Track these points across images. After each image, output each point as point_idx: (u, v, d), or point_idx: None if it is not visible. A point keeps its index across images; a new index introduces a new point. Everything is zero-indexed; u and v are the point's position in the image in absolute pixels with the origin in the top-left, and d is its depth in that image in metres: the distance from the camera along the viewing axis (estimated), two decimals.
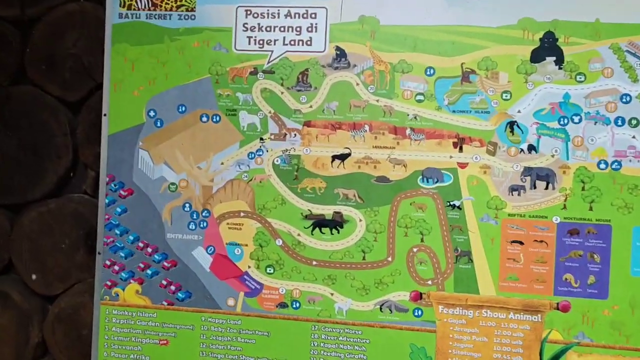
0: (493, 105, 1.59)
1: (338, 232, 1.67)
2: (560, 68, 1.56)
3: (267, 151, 1.71)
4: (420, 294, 1.62)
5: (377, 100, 1.65)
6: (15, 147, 1.87)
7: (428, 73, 1.63)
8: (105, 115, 1.78)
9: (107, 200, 1.78)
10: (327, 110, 1.68)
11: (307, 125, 1.69)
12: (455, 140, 1.61)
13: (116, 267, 1.77)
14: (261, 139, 1.71)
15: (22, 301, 1.87)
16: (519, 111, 1.58)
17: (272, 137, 1.71)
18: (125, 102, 1.77)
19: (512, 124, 1.58)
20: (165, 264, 1.75)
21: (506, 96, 1.58)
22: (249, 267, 1.71)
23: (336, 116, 1.67)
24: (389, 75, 1.65)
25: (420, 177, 1.62)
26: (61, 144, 1.86)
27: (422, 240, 1.63)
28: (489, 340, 1.58)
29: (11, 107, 1.88)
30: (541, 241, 1.57)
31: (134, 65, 1.77)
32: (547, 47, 1.56)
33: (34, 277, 1.87)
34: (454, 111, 1.62)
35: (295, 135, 1.69)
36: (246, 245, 1.72)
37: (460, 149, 1.61)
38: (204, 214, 1.74)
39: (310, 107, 1.69)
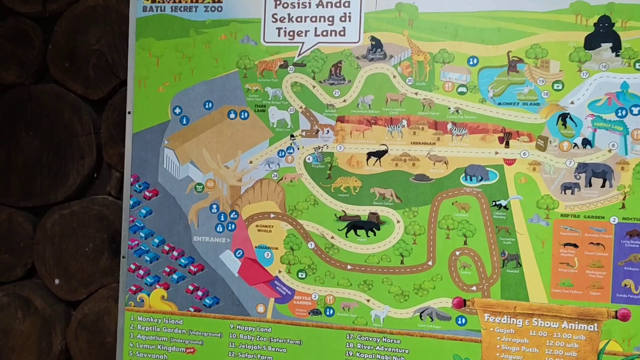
0: (543, 96, 1.47)
1: (374, 235, 1.56)
2: (617, 55, 1.43)
3: (298, 149, 1.61)
4: (464, 300, 1.50)
5: (416, 93, 1.55)
6: (37, 147, 1.81)
7: (471, 63, 1.52)
8: (129, 113, 1.71)
9: (131, 202, 1.70)
10: (362, 104, 1.58)
11: (341, 121, 1.59)
12: (501, 134, 1.49)
13: (141, 272, 1.70)
14: (292, 135, 1.62)
15: (45, 307, 1.80)
16: (572, 102, 1.45)
17: (304, 133, 1.61)
18: (150, 99, 1.69)
19: (564, 117, 1.46)
20: (192, 268, 1.67)
21: (558, 86, 1.46)
22: (280, 271, 1.62)
23: (372, 111, 1.57)
24: (429, 66, 1.54)
25: (463, 175, 1.51)
26: (84, 143, 1.80)
27: (465, 243, 1.51)
28: (540, 351, 1.46)
29: (33, 106, 1.82)
30: (597, 244, 1.44)
31: (158, 61, 1.69)
32: (603, 33, 1.44)
33: (57, 281, 1.80)
34: (499, 103, 1.50)
35: (328, 131, 1.60)
36: (276, 248, 1.62)
37: (507, 144, 1.49)
38: (232, 216, 1.65)
39: (344, 101, 1.59)
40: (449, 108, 1.53)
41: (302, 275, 1.60)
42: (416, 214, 1.54)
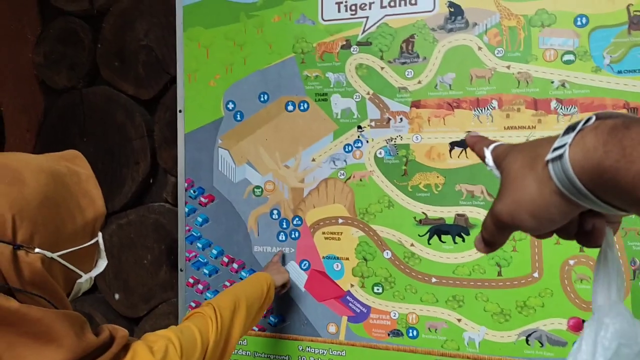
0: None
1: (463, 241, 1.30)
2: None
3: (368, 142, 1.38)
4: (583, 321, 1.20)
5: (508, 67, 1.26)
6: (92, 154, 1.71)
7: (579, 23, 1.21)
8: (180, 111, 1.55)
9: (186, 210, 1.55)
10: (441, 85, 1.31)
11: (416, 106, 1.33)
12: (625, 111, 1.17)
13: (200, 286, 1.54)
14: (359, 127, 1.38)
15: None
16: None
17: (373, 124, 1.37)
18: (201, 95, 1.53)
19: None
20: None
21: None
22: (352, 285, 1.39)
23: (453, 92, 1.30)
24: (523, 31, 1.25)
25: None
26: (138, 147, 1.67)
27: (581, 250, 1.21)
28: None
29: (86, 110, 1.72)
30: None
31: (208, 51, 1.52)
32: None
33: (117, 296, 1.69)
34: (619, 72, 1.18)
35: (401, 119, 1.35)
36: (347, 259, 1.40)
37: None
38: (295, 222, 1.45)
39: (419, 82, 1.33)
40: (552, 82, 1.22)
41: (378, 289, 1.37)
42: None
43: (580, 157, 0.36)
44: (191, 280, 1.55)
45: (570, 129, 0.38)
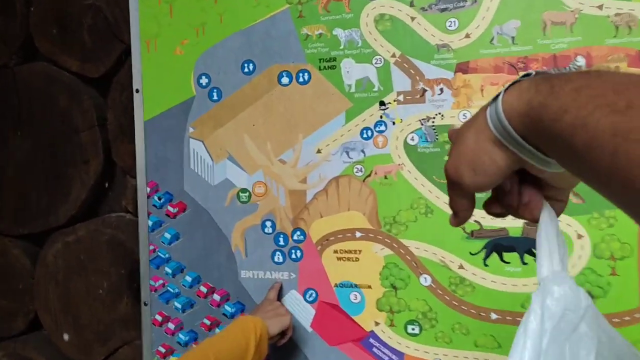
0: None
1: (535, 260, 0.90)
2: None
3: (394, 124, 0.98)
4: None
5: (600, 7, 0.87)
6: (29, 152, 1.31)
7: None
8: (137, 91, 1.16)
9: (149, 222, 1.15)
10: (500, 38, 0.92)
11: (463, 71, 0.94)
12: None
13: (170, 325, 1.15)
14: (382, 103, 0.99)
15: None
16: None
17: (401, 98, 0.98)
18: (165, 68, 1.13)
19: None
20: None
21: None
22: (377, 323, 1.01)
23: (517, 47, 0.91)
24: None
25: None
26: (88, 141, 1.27)
27: None
28: None
29: (20, 95, 1.32)
30: None
31: (172, 8, 1.12)
32: None
33: (66, 337, 1.30)
34: None
35: (441, 90, 0.95)
36: (369, 287, 1.01)
37: None
38: (296, 237, 1.06)
39: (467, 37, 0.94)
40: None
41: (413, 329, 0.98)
42: (613, 222, 0.86)
43: (514, 99, 0.37)
44: (159, 317, 1.16)
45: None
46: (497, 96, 0.38)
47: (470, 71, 0.93)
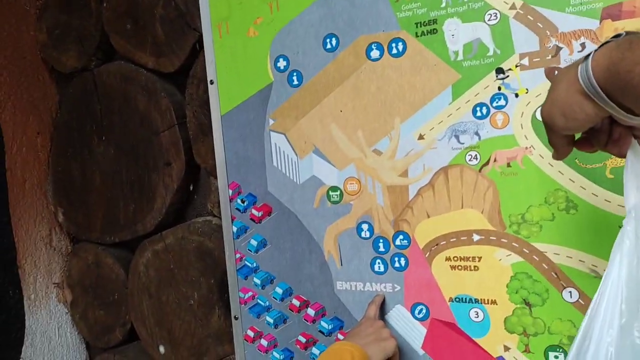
0: None
1: None
2: None
3: (517, 96, 0.77)
4: None
5: None
6: (113, 157, 1.25)
7: None
8: (212, 82, 1.03)
9: (234, 228, 1.03)
10: None
11: (614, 16, 0.70)
12: None
13: (264, 342, 1.02)
14: (499, 70, 0.77)
15: None
16: None
17: (526, 61, 0.76)
18: (238, 53, 0.99)
19: None
20: (341, 337, 0.94)
21: None
22: (508, 348, 0.80)
23: None
24: None
25: None
26: (168, 142, 1.18)
27: None
28: None
29: (100, 98, 1.26)
30: None
31: None
32: None
33: (162, 349, 1.23)
34: None
35: (583, 45, 0.72)
36: (494, 302, 0.81)
37: None
38: (398, 242, 0.88)
39: None
40: None
41: (557, 357, 0.77)
42: None
43: (601, 57, 0.42)
44: (251, 333, 1.04)
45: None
46: (589, 55, 0.43)
47: (625, 16, 0.69)
